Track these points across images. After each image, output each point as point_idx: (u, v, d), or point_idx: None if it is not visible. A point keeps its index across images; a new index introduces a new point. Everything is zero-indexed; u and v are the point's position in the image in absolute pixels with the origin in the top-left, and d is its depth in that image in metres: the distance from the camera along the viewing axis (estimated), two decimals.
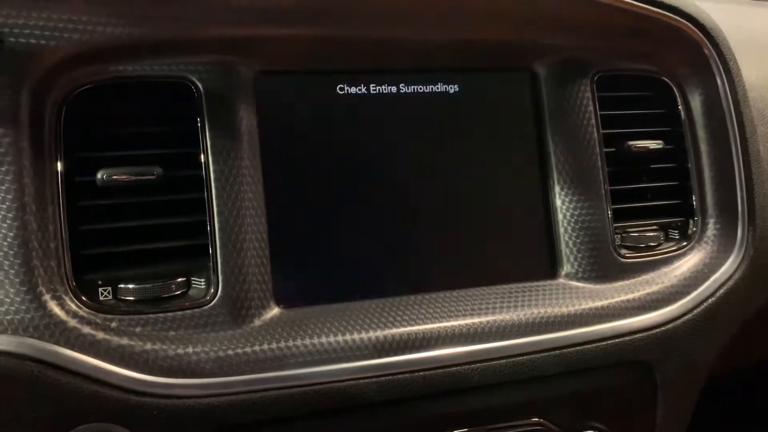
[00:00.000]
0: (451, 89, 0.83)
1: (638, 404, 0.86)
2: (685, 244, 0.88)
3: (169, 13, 0.69)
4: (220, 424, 0.66)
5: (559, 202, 0.85)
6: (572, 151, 0.85)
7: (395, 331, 0.73)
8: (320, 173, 0.77)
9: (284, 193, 0.76)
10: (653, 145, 0.88)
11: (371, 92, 0.80)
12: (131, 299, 0.68)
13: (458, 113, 0.83)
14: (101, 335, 0.64)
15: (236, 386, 0.66)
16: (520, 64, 0.86)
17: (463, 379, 0.73)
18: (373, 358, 0.71)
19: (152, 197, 0.70)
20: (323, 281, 0.77)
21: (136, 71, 0.70)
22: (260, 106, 0.76)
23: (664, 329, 0.82)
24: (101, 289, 0.68)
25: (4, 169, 0.63)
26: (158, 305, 0.69)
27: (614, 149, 0.87)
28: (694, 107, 0.90)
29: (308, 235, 0.76)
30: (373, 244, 0.79)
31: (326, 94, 0.79)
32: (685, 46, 0.86)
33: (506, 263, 0.83)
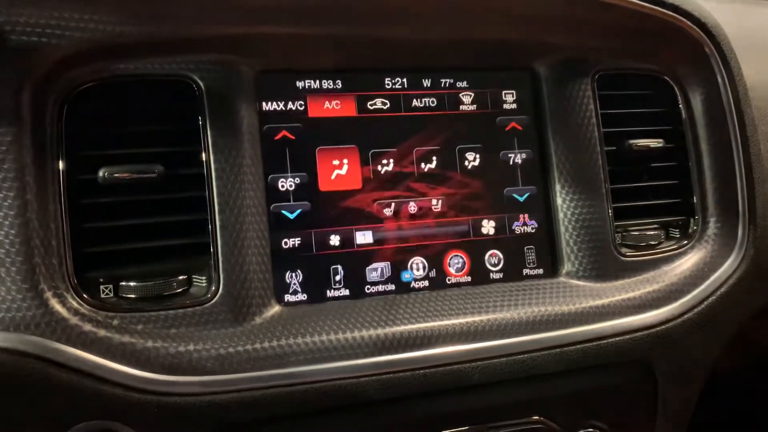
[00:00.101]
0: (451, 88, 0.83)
1: (638, 403, 0.86)
2: (685, 242, 0.88)
3: (170, 11, 0.70)
4: (221, 421, 0.67)
5: (559, 200, 0.85)
6: (573, 149, 0.85)
7: (396, 329, 0.73)
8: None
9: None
10: (654, 143, 0.88)
11: (372, 90, 0.81)
12: (133, 297, 0.68)
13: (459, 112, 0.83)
14: (103, 333, 0.64)
15: (237, 384, 0.67)
16: (520, 63, 0.86)
17: (463, 377, 0.74)
18: (373, 356, 0.71)
19: (153, 195, 0.71)
20: (324, 279, 0.77)
21: (137, 69, 0.71)
22: (261, 104, 0.76)
23: (664, 328, 0.82)
24: (103, 286, 0.69)
25: (6, 167, 0.63)
26: (159, 303, 0.69)
27: (615, 148, 0.87)
28: (694, 106, 0.90)
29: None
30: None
31: (327, 93, 0.79)
32: (686, 44, 0.86)
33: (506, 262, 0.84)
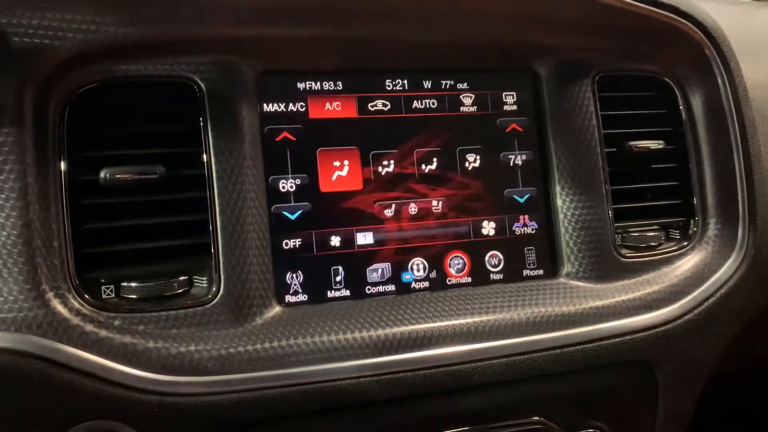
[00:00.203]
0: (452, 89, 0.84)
1: (639, 404, 0.86)
2: (685, 244, 0.88)
3: (171, 13, 0.70)
4: (222, 421, 0.67)
5: (560, 201, 0.85)
6: (573, 151, 0.85)
7: (396, 329, 0.73)
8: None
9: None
10: (654, 145, 0.88)
11: (373, 91, 0.81)
12: (134, 297, 0.69)
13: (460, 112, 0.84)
14: (104, 333, 0.65)
15: (238, 384, 0.67)
16: (521, 64, 0.87)
17: (463, 377, 0.74)
18: (374, 356, 0.71)
19: (155, 196, 0.71)
20: (325, 279, 0.77)
21: (139, 71, 0.71)
22: (262, 105, 0.76)
23: (664, 329, 0.82)
24: (104, 287, 0.69)
25: (8, 167, 0.63)
26: (160, 303, 0.69)
27: (615, 149, 0.87)
28: (695, 107, 0.90)
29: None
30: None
31: (328, 94, 0.79)
32: (686, 46, 0.86)
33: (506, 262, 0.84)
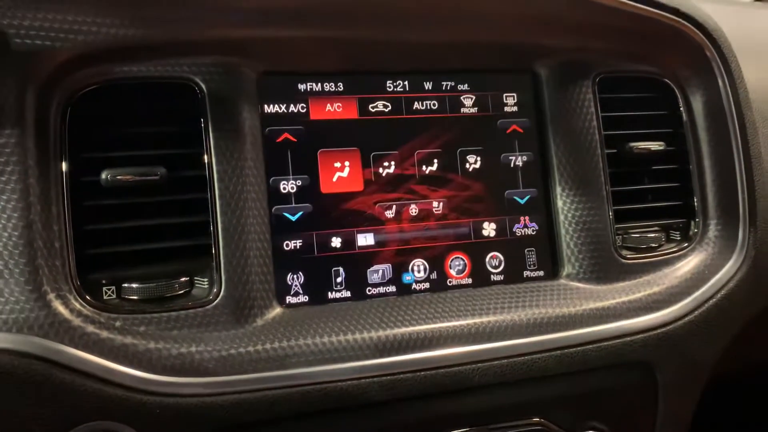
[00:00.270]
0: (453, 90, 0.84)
1: (639, 405, 0.86)
2: (686, 245, 0.88)
3: (172, 14, 0.70)
4: (222, 422, 0.67)
5: (560, 203, 0.85)
6: (574, 152, 0.85)
7: (397, 330, 0.73)
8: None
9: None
10: (655, 146, 0.88)
11: (374, 92, 0.81)
12: (135, 298, 0.69)
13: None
14: (105, 334, 0.65)
15: (239, 385, 0.67)
16: (521, 65, 0.87)
17: (464, 379, 0.74)
18: (374, 357, 0.71)
19: (156, 197, 0.71)
20: (325, 280, 0.77)
21: (140, 72, 0.71)
22: (263, 106, 0.76)
23: (665, 330, 0.82)
24: (105, 288, 0.69)
25: (9, 169, 0.63)
26: (162, 304, 0.69)
27: (616, 150, 0.87)
28: (695, 109, 0.90)
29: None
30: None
31: (329, 95, 0.79)
32: (686, 47, 0.86)
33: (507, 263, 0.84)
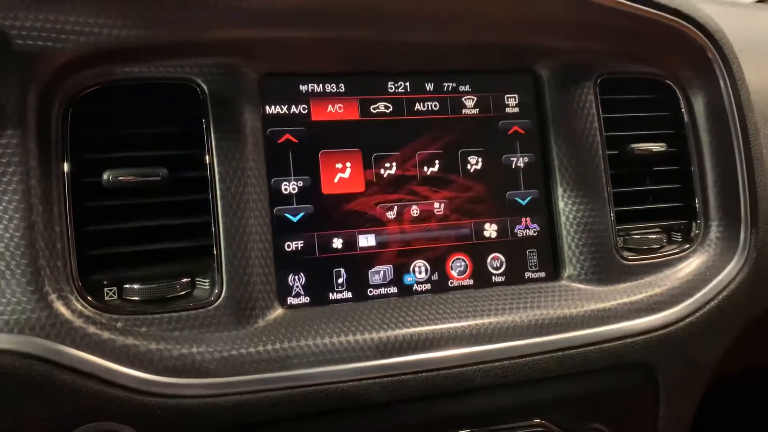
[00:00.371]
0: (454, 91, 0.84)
1: (640, 406, 0.86)
2: (687, 246, 0.88)
3: (174, 15, 0.70)
4: (224, 423, 0.67)
5: (561, 204, 0.85)
6: (575, 153, 0.85)
7: (398, 332, 0.73)
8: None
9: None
10: (656, 147, 0.88)
11: (375, 93, 0.81)
12: (136, 299, 0.69)
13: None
14: (106, 335, 0.65)
15: (240, 386, 0.67)
16: (522, 66, 0.87)
17: (465, 380, 0.74)
18: (376, 359, 0.71)
19: (157, 198, 0.71)
20: (327, 281, 0.77)
21: (142, 73, 0.71)
22: (264, 107, 0.76)
23: (666, 331, 0.82)
24: (107, 289, 0.69)
25: (11, 170, 0.63)
26: (163, 305, 0.69)
27: (617, 152, 0.87)
28: (697, 110, 0.90)
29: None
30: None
31: (330, 96, 0.79)
32: (688, 49, 0.86)
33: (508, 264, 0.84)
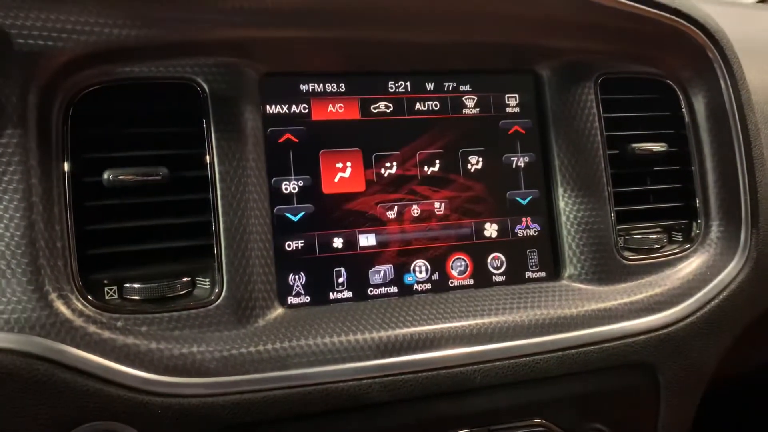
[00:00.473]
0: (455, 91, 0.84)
1: (641, 406, 0.86)
2: (688, 246, 0.88)
3: (175, 15, 0.70)
4: (224, 422, 0.67)
5: (562, 204, 0.85)
6: (576, 153, 0.85)
7: (398, 331, 0.73)
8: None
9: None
10: (657, 147, 0.88)
11: (376, 93, 0.81)
12: (137, 299, 0.69)
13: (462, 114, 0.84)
14: (107, 334, 0.65)
15: (240, 386, 0.67)
16: (523, 65, 0.87)
17: (465, 380, 0.74)
18: (376, 358, 0.71)
19: (158, 197, 0.71)
20: (327, 281, 0.77)
21: (142, 72, 0.71)
22: (265, 107, 0.76)
23: (667, 331, 0.82)
24: (107, 288, 0.69)
25: (11, 169, 0.64)
26: (163, 305, 0.69)
27: (618, 151, 0.87)
28: (697, 110, 0.90)
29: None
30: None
31: (331, 96, 0.79)
32: (689, 49, 0.86)
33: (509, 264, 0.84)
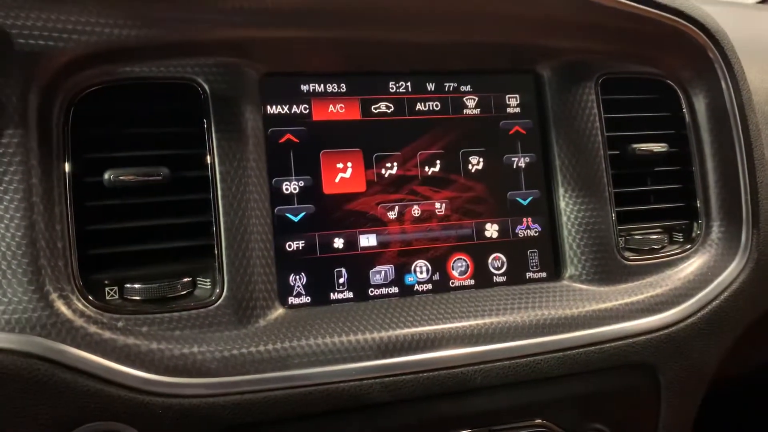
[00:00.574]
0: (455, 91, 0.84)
1: (641, 406, 0.86)
2: (689, 247, 0.88)
3: (175, 15, 0.70)
4: (225, 423, 0.67)
5: (563, 204, 0.85)
6: (576, 153, 0.85)
7: (399, 332, 0.73)
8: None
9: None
10: (657, 148, 0.88)
11: (377, 93, 0.81)
12: (137, 299, 0.69)
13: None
14: (107, 334, 0.65)
15: (241, 386, 0.67)
16: (524, 66, 0.87)
17: (466, 380, 0.74)
18: (377, 358, 0.71)
19: (159, 198, 0.71)
20: (328, 281, 0.77)
21: (143, 72, 0.71)
22: (266, 107, 0.76)
23: (667, 332, 0.82)
24: (108, 288, 0.69)
25: (12, 169, 0.63)
26: (164, 305, 0.69)
27: (618, 152, 0.87)
28: (698, 110, 0.90)
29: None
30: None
31: (331, 96, 0.79)
32: (689, 49, 0.86)
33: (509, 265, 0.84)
